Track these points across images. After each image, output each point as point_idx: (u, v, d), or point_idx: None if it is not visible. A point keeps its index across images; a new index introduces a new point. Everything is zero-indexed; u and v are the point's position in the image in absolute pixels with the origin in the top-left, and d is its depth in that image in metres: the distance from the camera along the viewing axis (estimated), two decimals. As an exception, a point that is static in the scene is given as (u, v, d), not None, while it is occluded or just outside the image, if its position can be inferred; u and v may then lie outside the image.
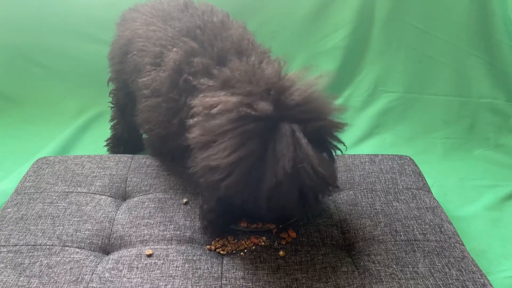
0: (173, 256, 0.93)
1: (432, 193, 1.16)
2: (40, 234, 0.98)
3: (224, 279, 0.88)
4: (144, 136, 1.30)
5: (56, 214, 1.04)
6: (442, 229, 1.02)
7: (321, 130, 0.88)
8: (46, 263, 0.91)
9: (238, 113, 0.82)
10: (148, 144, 1.23)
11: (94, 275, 0.89)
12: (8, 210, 1.06)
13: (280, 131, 0.81)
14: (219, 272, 0.90)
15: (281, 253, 0.94)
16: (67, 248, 0.96)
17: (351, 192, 1.13)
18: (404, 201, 1.10)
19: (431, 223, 1.03)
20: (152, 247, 0.96)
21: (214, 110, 0.85)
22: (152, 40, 1.11)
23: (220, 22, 1.09)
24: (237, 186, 0.83)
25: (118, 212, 1.07)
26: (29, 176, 1.18)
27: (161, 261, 0.92)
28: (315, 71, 0.92)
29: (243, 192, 0.84)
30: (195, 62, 0.99)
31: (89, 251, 0.96)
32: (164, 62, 1.05)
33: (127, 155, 1.28)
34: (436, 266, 0.91)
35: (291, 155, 0.79)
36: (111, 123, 1.54)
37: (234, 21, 1.15)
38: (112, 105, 1.50)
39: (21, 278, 0.88)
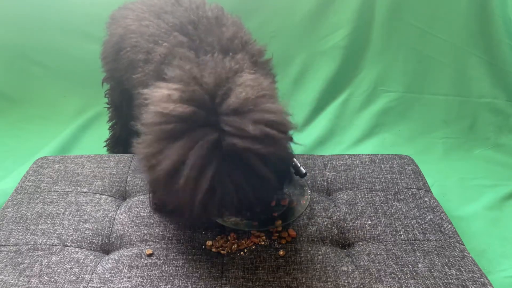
0: (173, 255, 0.93)
1: (432, 193, 1.16)
2: (40, 234, 0.98)
3: (224, 278, 0.88)
4: None
5: (56, 214, 1.04)
6: (442, 229, 1.02)
7: (251, 147, 0.80)
8: (46, 262, 0.91)
9: (160, 110, 0.83)
10: None
11: (94, 275, 0.89)
12: (8, 209, 1.06)
13: (193, 136, 0.81)
14: (219, 271, 0.90)
15: (281, 252, 0.94)
16: (67, 247, 0.96)
17: (351, 191, 1.13)
18: (404, 201, 1.10)
19: (431, 223, 1.03)
20: (152, 246, 0.96)
21: (148, 102, 0.87)
22: (145, 35, 1.09)
23: (215, 18, 1.08)
24: (151, 178, 0.87)
25: (118, 211, 1.07)
26: (29, 175, 1.18)
27: (161, 261, 0.92)
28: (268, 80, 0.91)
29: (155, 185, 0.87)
30: (177, 52, 0.98)
31: (89, 251, 0.96)
32: (153, 57, 1.05)
33: (127, 154, 1.28)
34: (436, 266, 0.91)
35: (185, 159, 0.79)
36: (109, 124, 1.54)
37: (229, 16, 1.14)
38: (108, 106, 1.50)
39: (21, 278, 0.88)
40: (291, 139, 0.92)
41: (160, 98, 0.85)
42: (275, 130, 0.83)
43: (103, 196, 1.12)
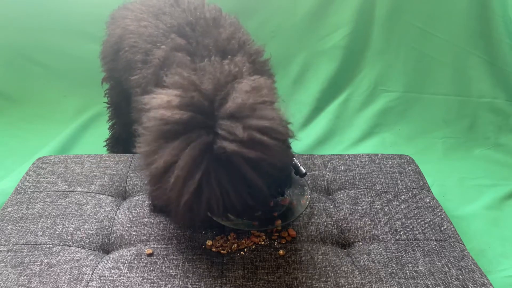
0: (173, 255, 0.93)
1: (432, 193, 1.16)
2: (40, 234, 0.99)
3: (224, 278, 0.88)
4: None
5: (56, 214, 1.04)
6: (442, 229, 1.02)
7: (242, 154, 0.80)
8: (46, 262, 0.91)
9: (158, 115, 0.84)
10: None
11: (94, 274, 0.89)
12: (8, 209, 1.06)
13: (187, 138, 0.82)
14: (219, 271, 0.90)
15: (281, 252, 0.94)
16: (67, 247, 0.96)
17: (351, 191, 1.13)
18: (404, 201, 1.10)
19: (431, 223, 1.03)
20: (152, 246, 0.96)
21: (148, 106, 0.88)
22: (144, 36, 1.10)
23: (213, 19, 1.08)
24: (147, 176, 0.88)
25: (118, 211, 1.07)
26: (29, 175, 1.18)
27: (161, 260, 0.92)
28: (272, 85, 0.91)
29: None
30: (175, 57, 0.98)
31: (89, 251, 0.96)
32: (151, 59, 1.05)
33: (127, 154, 1.28)
34: (436, 265, 0.91)
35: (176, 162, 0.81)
36: (109, 124, 1.54)
37: (227, 16, 1.14)
38: (107, 105, 1.50)
39: (21, 278, 0.88)
40: (288, 147, 0.92)
41: (160, 103, 0.86)
42: (267, 136, 0.82)
43: (103, 196, 1.12)
